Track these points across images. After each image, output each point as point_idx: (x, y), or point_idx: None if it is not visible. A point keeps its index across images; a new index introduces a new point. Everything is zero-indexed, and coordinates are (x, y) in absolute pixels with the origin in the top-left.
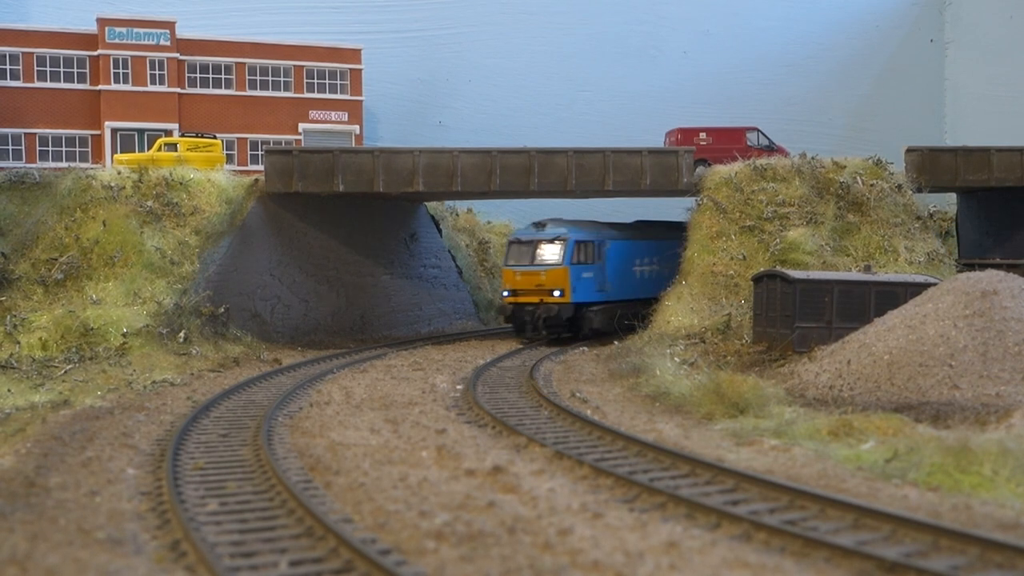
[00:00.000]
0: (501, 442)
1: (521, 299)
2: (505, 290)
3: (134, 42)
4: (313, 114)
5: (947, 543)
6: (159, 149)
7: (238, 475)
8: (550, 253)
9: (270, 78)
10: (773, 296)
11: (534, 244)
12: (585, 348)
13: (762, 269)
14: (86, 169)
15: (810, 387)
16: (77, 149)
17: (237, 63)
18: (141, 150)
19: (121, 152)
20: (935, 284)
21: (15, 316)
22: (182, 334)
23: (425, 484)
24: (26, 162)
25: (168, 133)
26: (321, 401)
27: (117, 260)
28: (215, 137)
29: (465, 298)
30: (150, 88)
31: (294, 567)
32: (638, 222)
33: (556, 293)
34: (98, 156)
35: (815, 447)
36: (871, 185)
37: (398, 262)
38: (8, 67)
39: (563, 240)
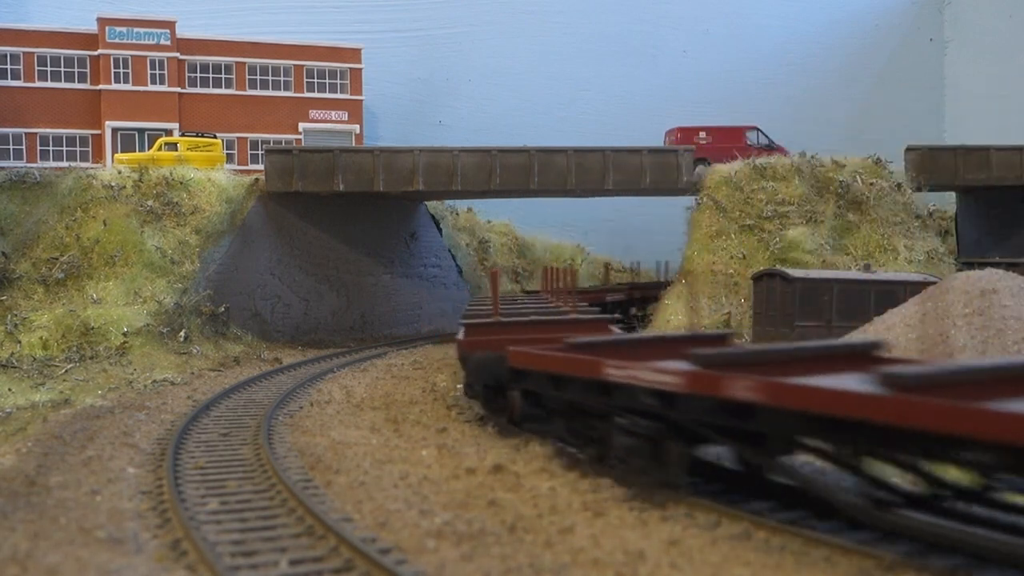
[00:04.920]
0: (502, 441)
1: None
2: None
3: (134, 42)
4: (313, 113)
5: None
6: (159, 149)
7: (238, 474)
8: None
9: (270, 78)
10: (773, 295)
11: None
12: None
13: (762, 268)
14: (87, 169)
15: None
16: (78, 149)
17: (237, 63)
18: (141, 150)
19: (121, 152)
20: (935, 283)
21: (16, 315)
22: (182, 333)
23: (426, 483)
24: (27, 162)
25: (168, 133)
26: (321, 400)
27: (118, 259)
28: (215, 137)
29: (465, 297)
30: (150, 88)
31: (294, 566)
32: None
33: None
34: (98, 156)
35: None
36: (871, 184)
37: (398, 261)
38: (8, 67)
39: None
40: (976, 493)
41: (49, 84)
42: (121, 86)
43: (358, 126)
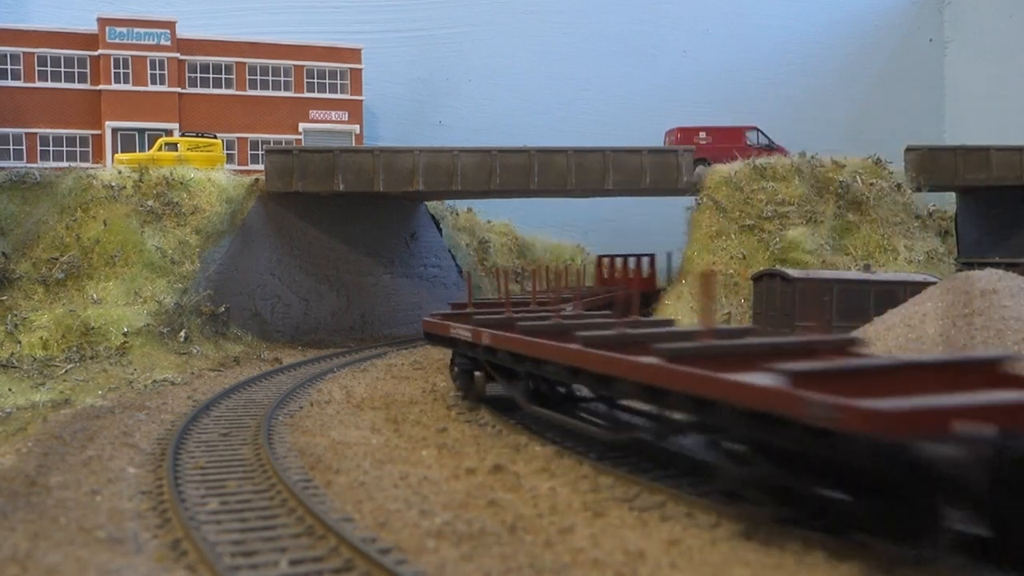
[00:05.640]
0: (502, 441)
1: None
2: None
3: (134, 42)
4: (313, 114)
5: None
6: (160, 149)
7: (238, 474)
8: None
9: (270, 78)
10: (773, 295)
11: None
12: None
13: (762, 268)
14: (87, 169)
15: None
16: (78, 149)
17: (237, 63)
18: (142, 150)
19: (122, 152)
20: (934, 283)
21: (16, 315)
22: (183, 333)
23: (426, 483)
24: (27, 162)
25: (168, 133)
26: (321, 400)
27: (118, 259)
28: (215, 137)
29: (465, 297)
30: (150, 88)
31: (294, 566)
32: None
33: None
34: (99, 156)
35: None
36: (871, 184)
37: (398, 261)
38: (8, 67)
39: None
40: None
41: (49, 84)
42: (121, 86)
43: (358, 126)
